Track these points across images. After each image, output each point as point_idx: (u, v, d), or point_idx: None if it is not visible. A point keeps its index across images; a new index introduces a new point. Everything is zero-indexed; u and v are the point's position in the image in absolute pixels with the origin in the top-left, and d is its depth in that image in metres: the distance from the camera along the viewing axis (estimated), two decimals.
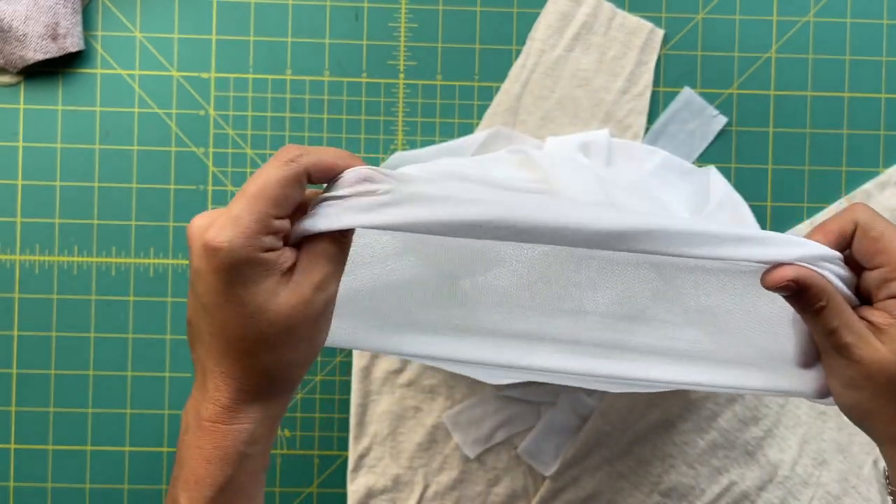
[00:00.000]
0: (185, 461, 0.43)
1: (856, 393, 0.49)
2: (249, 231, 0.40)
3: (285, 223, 0.42)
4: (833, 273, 0.46)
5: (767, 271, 0.46)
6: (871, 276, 0.47)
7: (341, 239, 0.43)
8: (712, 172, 0.66)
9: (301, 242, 0.43)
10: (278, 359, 0.42)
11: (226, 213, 0.41)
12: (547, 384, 0.65)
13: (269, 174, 0.41)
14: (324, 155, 0.43)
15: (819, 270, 0.46)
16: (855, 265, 0.48)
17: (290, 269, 0.42)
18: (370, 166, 0.43)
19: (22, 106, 0.66)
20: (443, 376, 0.67)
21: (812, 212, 0.68)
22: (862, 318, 0.48)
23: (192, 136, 0.66)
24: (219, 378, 0.42)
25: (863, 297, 0.48)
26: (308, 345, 0.43)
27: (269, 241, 0.41)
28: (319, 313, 0.43)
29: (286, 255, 0.42)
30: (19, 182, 0.66)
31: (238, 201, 0.41)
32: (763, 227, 0.67)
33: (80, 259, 0.66)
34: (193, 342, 0.44)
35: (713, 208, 0.64)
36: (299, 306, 0.42)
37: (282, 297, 0.41)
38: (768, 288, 0.46)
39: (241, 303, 0.41)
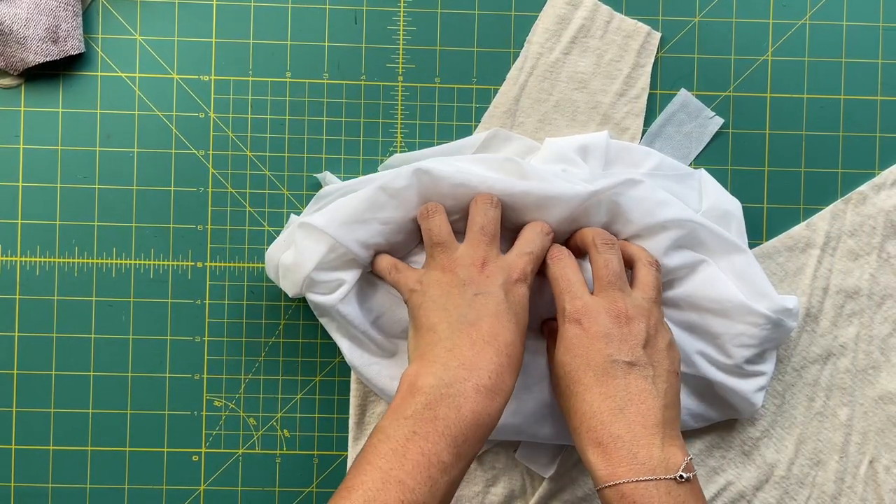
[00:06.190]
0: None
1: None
2: None
3: None
4: None
5: None
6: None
7: None
8: (703, 175, 0.66)
9: None
10: None
11: None
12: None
13: None
14: None
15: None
16: None
17: None
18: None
19: (23, 108, 0.66)
20: None
21: (808, 213, 0.68)
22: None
23: (192, 138, 0.66)
24: None
25: None
26: None
27: None
28: None
29: None
30: (20, 184, 0.66)
31: None
32: (759, 229, 0.67)
33: (81, 260, 0.66)
34: None
35: (705, 210, 0.64)
36: None
37: None
38: None
39: None
